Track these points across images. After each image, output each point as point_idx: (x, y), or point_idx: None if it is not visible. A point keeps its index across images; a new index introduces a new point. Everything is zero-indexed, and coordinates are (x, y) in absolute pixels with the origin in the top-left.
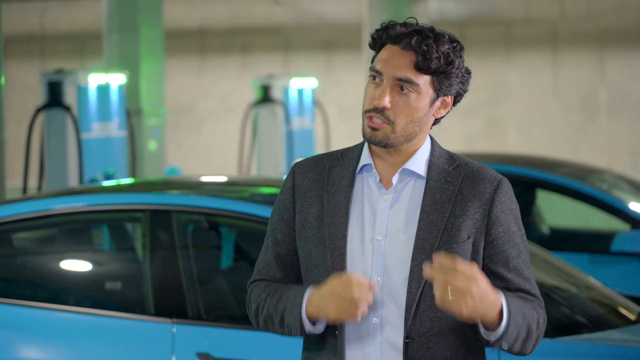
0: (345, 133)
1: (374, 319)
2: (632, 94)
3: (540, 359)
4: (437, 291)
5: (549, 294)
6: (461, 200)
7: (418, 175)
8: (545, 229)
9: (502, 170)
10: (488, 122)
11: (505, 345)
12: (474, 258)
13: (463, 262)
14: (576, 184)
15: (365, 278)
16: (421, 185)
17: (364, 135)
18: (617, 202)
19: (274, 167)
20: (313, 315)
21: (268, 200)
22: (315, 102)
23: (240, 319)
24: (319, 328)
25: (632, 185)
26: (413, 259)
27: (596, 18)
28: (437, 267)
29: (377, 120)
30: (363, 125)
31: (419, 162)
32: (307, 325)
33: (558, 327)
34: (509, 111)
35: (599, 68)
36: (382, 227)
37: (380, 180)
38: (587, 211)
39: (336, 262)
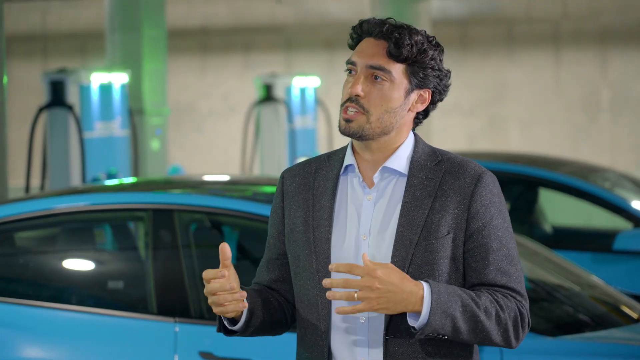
0: None
1: (361, 318)
2: (634, 92)
3: (543, 357)
4: (343, 297)
5: (551, 293)
6: (441, 196)
7: (400, 173)
8: (547, 228)
9: (505, 169)
10: (490, 120)
11: (441, 336)
12: (454, 253)
13: (361, 264)
14: (578, 182)
15: (215, 271)
16: (403, 183)
17: (339, 129)
18: (620, 201)
19: (277, 166)
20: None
21: (270, 199)
22: (318, 101)
23: None
24: (242, 322)
25: (634, 184)
26: (393, 256)
27: (598, 17)
28: (334, 271)
29: (352, 111)
30: (339, 118)
31: (399, 160)
32: (225, 322)
33: (561, 325)
34: (511, 110)
35: (601, 67)
36: (366, 226)
37: (363, 180)
38: (589, 210)
39: (321, 266)
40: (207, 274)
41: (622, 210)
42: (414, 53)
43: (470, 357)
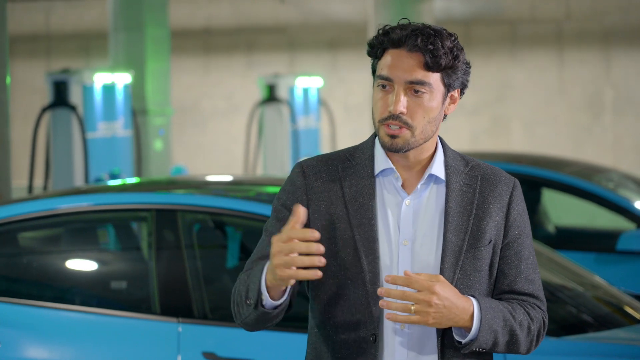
0: (351, 132)
1: (401, 326)
2: (638, 92)
3: (546, 357)
4: (399, 308)
5: (554, 293)
6: (482, 203)
7: (436, 178)
8: (551, 228)
9: (508, 169)
10: (493, 120)
11: (481, 350)
12: (492, 259)
13: (418, 275)
14: (582, 182)
15: (305, 229)
16: (441, 189)
17: (383, 145)
18: (623, 201)
19: (280, 166)
20: (272, 284)
21: (273, 199)
22: (321, 101)
23: None
24: (281, 302)
25: (637, 184)
26: (443, 262)
27: (601, 17)
28: (391, 284)
29: (395, 127)
30: (380, 135)
31: (439, 166)
32: (264, 295)
33: (564, 326)
34: (514, 110)
35: (604, 67)
36: (407, 232)
37: (402, 184)
38: (592, 210)
39: (371, 266)
40: (292, 231)
41: (625, 210)
42: (450, 60)
43: (490, 356)
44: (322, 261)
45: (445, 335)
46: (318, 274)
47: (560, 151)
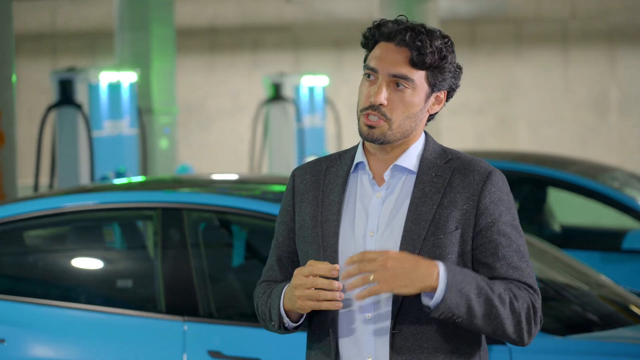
0: (356, 131)
1: (367, 314)
2: None
3: (551, 356)
4: (359, 283)
5: (560, 292)
6: (450, 192)
7: (409, 171)
8: (556, 227)
9: (513, 168)
10: (498, 120)
11: (455, 318)
12: (462, 248)
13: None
14: (587, 181)
15: (328, 265)
16: (412, 180)
17: (360, 134)
18: (628, 200)
19: (285, 165)
20: (289, 309)
21: (279, 198)
22: (326, 100)
23: (251, 316)
24: (299, 323)
25: None
26: (400, 250)
27: (607, 16)
28: (348, 263)
29: (374, 118)
30: (359, 123)
31: (410, 158)
32: (285, 319)
33: (569, 325)
34: (519, 109)
35: (609, 66)
36: (373, 223)
37: (373, 177)
38: (598, 209)
39: (328, 260)
40: (314, 267)
41: (630, 209)
42: (436, 60)
43: (477, 354)
44: (341, 296)
45: (397, 319)
46: (338, 305)
47: (566, 150)
